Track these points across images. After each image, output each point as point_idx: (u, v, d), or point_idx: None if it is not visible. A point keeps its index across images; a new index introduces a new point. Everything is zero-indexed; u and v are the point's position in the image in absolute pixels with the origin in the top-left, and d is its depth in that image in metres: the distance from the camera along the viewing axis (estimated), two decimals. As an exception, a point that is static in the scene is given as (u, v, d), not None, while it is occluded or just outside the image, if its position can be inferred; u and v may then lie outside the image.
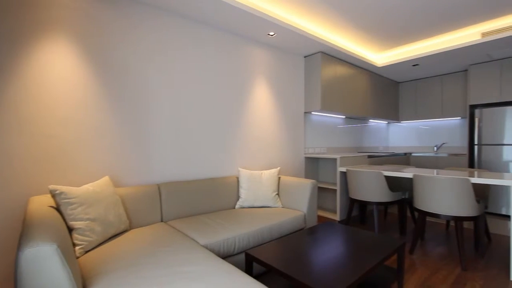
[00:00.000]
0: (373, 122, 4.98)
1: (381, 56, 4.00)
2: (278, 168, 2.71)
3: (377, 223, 2.73)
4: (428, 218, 3.54)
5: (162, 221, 2.08)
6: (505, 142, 3.63)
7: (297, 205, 2.46)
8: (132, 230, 1.81)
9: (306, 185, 2.43)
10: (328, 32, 3.15)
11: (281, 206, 2.55)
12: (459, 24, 2.98)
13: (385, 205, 2.75)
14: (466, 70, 4.14)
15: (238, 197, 2.57)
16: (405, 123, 5.19)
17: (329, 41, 3.22)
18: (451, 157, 4.16)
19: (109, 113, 1.99)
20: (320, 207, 3.70)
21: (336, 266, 1.35)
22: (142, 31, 2.15)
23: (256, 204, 2.50)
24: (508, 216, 3.59)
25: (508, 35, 2.87)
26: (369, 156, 3.74)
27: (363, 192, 2.77)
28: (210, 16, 2.41)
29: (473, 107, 3.99)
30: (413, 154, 4.59)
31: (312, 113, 3.67)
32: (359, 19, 2.82)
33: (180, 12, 2.33)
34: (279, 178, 2.73)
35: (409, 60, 3.73)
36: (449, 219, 2.20)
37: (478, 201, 2.35)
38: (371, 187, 2.71)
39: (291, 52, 3.38)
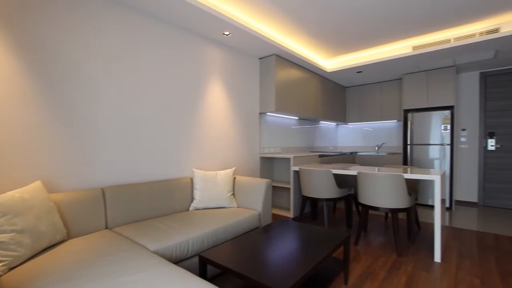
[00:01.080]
0: (324, 124, 5.31)
1: (330, 62, 4.29)
2: (234, 168, 2.71)
3: (327, 218, 2.92)
4: (370, 211, 3.90)
5: (107, 228, 1.91)
6: (431, 142, 4.19)
7: (252, 204, 2.49)
8: (71, 240, 1.63)
9: (261, 184, 2.47)
10: (283, 36, 3.26)
11: (236, 206, 2.55)
12: (394, 38, 3.34)
13: (334, 201, 2.95)
14: (400, 79, 4.67)
15: (192, 199, 2.50)
16: (351, 125, 5.64)
17: (283, 44, 3.33)
18: (390, 155, 4.65)
19: (43, 109, 1.75)
20: (275, 206, 3.80)
21: (288, 262, 1.40)
22: (80, 19, 1.95)
23: (211, 205, 2.46)
24: (433, 206, 4.16)
25: (433, 49, 3.32)
26: (320, 156, 3.97)
27: (314, 189, 2.93)
28: (164, 11, 2.30)
29: (406, 111, 4.51)
30: (358, 153, 5.01)
31: (267, 113, 3.76)
32: (311, 26, 2.98)
33: (128, 4, 2.18)
34: (235, 178, 2.73)
35: (354, 67, 4.06)
36: (387, 211, 2.46)
37: (410, 194, 2.66)
38: (321, 185, 2.88)
39: (246, 53, 3.41)
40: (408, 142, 4.39)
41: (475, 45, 3.16)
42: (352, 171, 2.74)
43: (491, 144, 4.21)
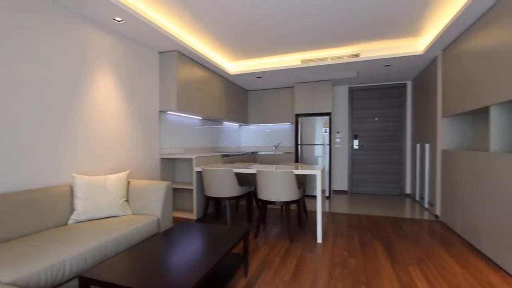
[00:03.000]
0: (227, 124, 5.46)
1: (233, 65, 4.45)
2: (128, 171, 2.42)
3: (229, 216, 3.00)
4: (269, 206, 4.26)
5: None
6: (315, 143, 4.95)
7: (150, 209, 2.30)
8: None
9: (159, 187, 2.31)
10: (187, 33, 3.15)
11: (131, 213, 2.29)
12: (287, 50, 3.78)
13: (236, 198, 3.06)
14: (293, 86, 5.32)
15: (72, 210, 2.09)
16: (253, 126, 6.02)
17: (187, 42, 3.23)
18: (285, 154, 5.22)
19: None
20: (177, 208, 3.64)
21: (186, 266, 1.36)
22: None
23: (98, 215, 2.12)
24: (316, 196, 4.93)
25: (316, 64, 3.93)
26: (223, 156, 4.06)
27: (217, 189, 2.97)
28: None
29: (297, 116, 5.18)
30: (259, 153, 5.40)
31: (168, 112, 3.56)
32: (214, 27, 3.00)
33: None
34: (129, 182, 2.45)
35: (255, 72, 4.36)
36: (281, 204, 2.74)
37: (299, 188, 3.06)
38: (224, 184, 2.95)
39: (145, 45, 3.12)
40: (299, 142, 5.05)
41: (344, 65, 3.94)
42: (252, 169, 2.92)
43: (356, 144, 5.34)
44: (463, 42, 2.82)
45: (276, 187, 2.70)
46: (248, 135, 6.09)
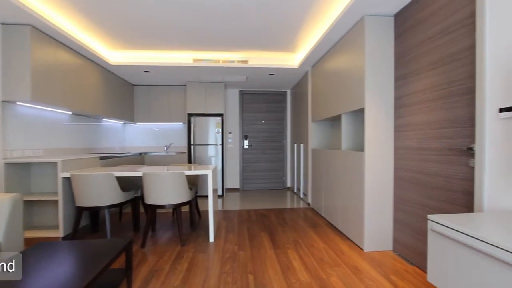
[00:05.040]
0: (108, 122, 4.72)
1: (114, 54, 3.89)
2: None
3: (110, 227, 2.61)
4: (159, 210, 3.97)
5: None
6: (209, 143, 4.99)
7: (-16, 233, 1.69)
8: None
9: (0, 202, 1.74)
10: (48, 6, 2.51)
11: None
12: (178, 46, 3.64)
13: (119, 206, 2.70)
14: (185, 85, 5.16)
15: None
16: (141, 125, 5.46)
17: (47, 18, 2.57)
18: (178, 155, 5.00)
19: None
20: (35, 227, 2.84)
21: (43, 297, 1.08)
22: None
23: None
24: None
25: (207, 65, 3.96)
26: (102, 158, 3.49)
27: (93, 197, 2.52)
28: None
29: (190, 115, 5.07)
30: (148, 154, 4.95)
31: (19, 104, 2.74)
32: (86, 6, 2.52)
33: None
34: None
35: (142, 66, 3.96)
36: (172, 207, 2.61)
37: (191, 188, 3.00)
38: (102, 191, 2.53)
39: (-25, 9, 2.28)
40: (192, 143, 4.96)
41: (235, 69, 4.16)
42: (137, 172, 2.64)
43: (246, 144, 5.74)
44: (324, 62, 3.51)
45: (166, 189, 2.55)
46: (135, 135, 5.49)
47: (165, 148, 5.44)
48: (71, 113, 3.57)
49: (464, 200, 1.67)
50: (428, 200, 1.98)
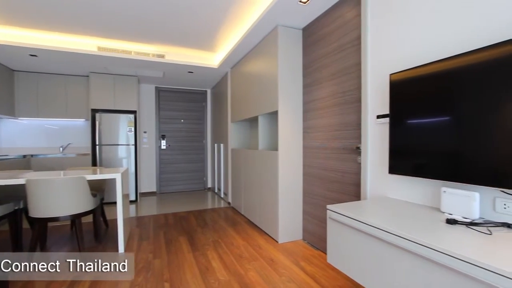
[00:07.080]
0: (-27, 116, 3.64)
1: (-17, 30, 3.03)
2: None
3: (-26, 252, 2.01)
4: (50, 224, 3.31)
5: None
6: (119, 143, 4.46)
7: None
8: None
9: None
10: None
11: None
12: (79, 30, 3.11)
13: (-12, 224, 2.11)
14: (88, 76, 4.46)
15: None
16: (26, 120, 4.42)
17: None
18: (79, 157, 4.27)
19: None
20: None
21: None
22: None
23: None
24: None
25: (116, 55, 3.53)
26: (-38, 163, 2.66)
27: None
28: None
29: (94, 111, 4.41)
30: (37, 156, 4.06)
31: None
32: None
33: None
34: None
35: (26, 47, 3.20)
36: (69, 218, 2.21)
37: (94, 195, 2.61)
38: (-39, 206, 1.93)
39: None
40: (97, 143, 4.33)
41: (149, 63, 3.84)
42: (18, 179, 2.13)
43: (164, 144, 5.39)
44: (243, 65, 3.62)
45: (61, 198, 2.14)
46: (17, 133, 4.41)
47: (61, 149, 4.57)
48: None
49: (355, 191, 2.01)
50: (329, 193, 2.30)
